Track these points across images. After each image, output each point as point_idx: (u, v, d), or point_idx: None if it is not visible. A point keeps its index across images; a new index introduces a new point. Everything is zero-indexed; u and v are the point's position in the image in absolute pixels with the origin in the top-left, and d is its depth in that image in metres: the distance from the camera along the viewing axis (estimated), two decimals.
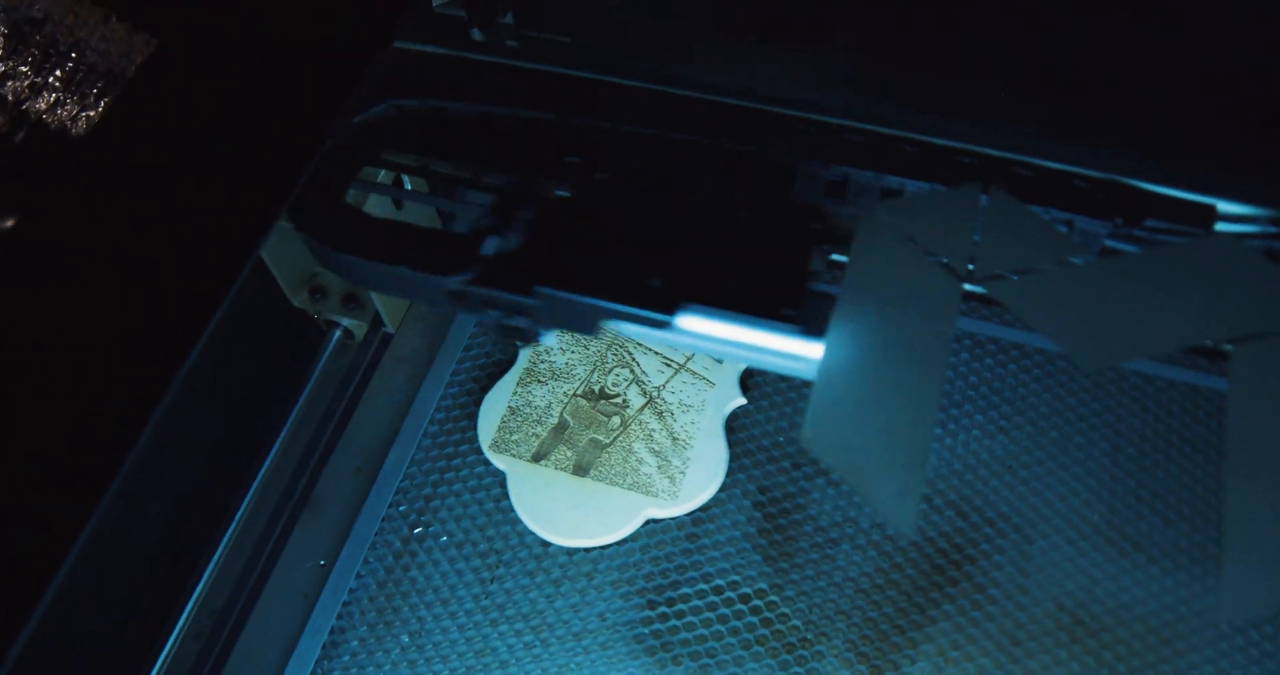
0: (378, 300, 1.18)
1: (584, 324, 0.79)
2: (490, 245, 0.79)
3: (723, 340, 0.75)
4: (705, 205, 0.83)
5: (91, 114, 0.91)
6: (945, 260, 0.75)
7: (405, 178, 1.11)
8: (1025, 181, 0.83)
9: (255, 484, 1.16)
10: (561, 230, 0.81)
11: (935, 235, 0.76)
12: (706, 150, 0.87)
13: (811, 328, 0.74)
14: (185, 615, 1.10)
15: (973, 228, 0.77)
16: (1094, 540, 1.07)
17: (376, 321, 1.24)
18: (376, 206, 1.10)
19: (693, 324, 0.75)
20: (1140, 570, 1.06)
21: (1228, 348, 0.76)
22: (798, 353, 0.75)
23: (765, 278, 0.77)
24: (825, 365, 0.71)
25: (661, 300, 0.75)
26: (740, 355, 0.77)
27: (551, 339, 0.84)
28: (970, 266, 0.75)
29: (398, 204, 1.13)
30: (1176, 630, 1.03)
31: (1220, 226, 0.83)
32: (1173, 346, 0.75)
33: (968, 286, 0.76)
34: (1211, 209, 0.83)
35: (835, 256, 0.86)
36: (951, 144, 0.85)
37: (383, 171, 1.06)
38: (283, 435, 1.18)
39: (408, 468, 1.17)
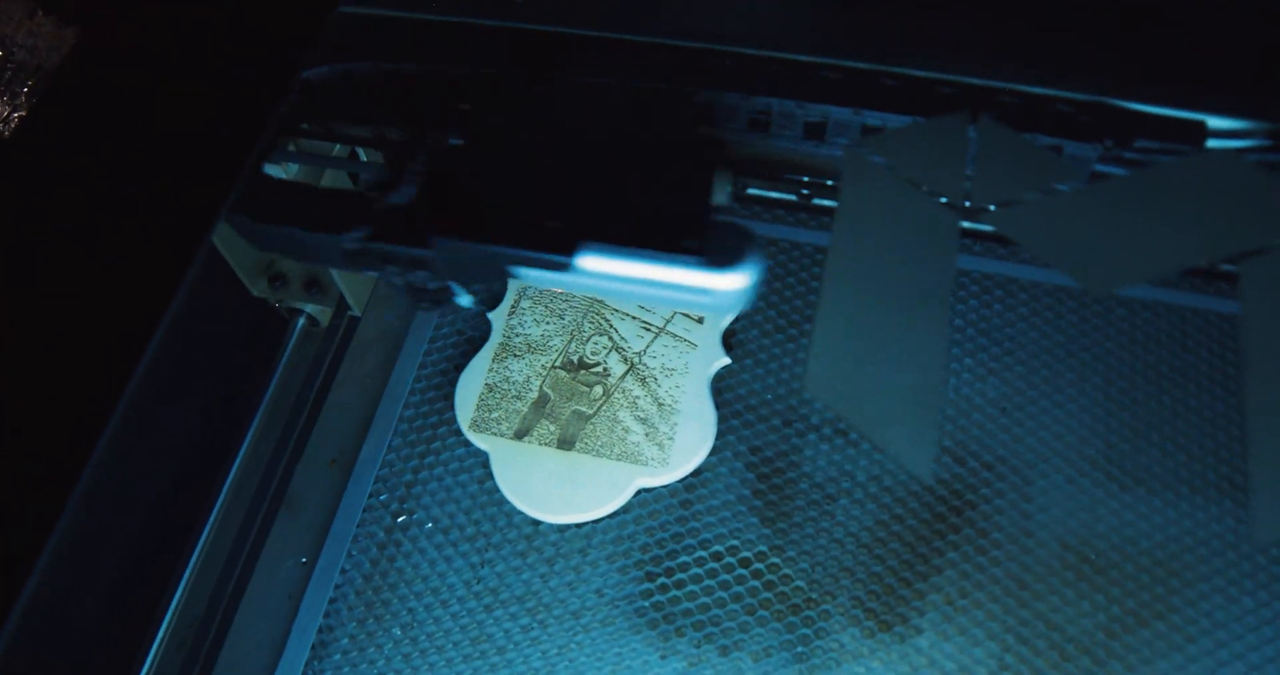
0: (341, 282, 1.14)
1: (486, 272, 0.76)
2: (385, 200, 0.77)
3: (628, 279, 0.72)
4: (604, 144, 0.80)
5: (23, 114, 0.86)
6: (938, 193, 0.72)
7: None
8: (1010, 109, 0.80)
9: (227, 485, 1.11)
10: (457, 179, 0.78)
11: (926, 169, 0.72)
12: (610, 90, 0.84)
13: (716, 258, 0.71)
14: (164, 627, 1.05)
15: (964, 159, 0.74)
16: (1094, 477, 1.06)
17: (341, 305, 1.19)
18: (332, 180, 1.05)
19: (594, 263, 0.72)
20: (1142, 503, 1.04)
21: (1228, 268, 0.74)
22: (705, 285, 0.72)
23: (665, 211, 0.74)
24: (824, 309, 0.67)
25: (560, 241, 0.72)
26: (653, 295, 0.74)
27: (466, 300, 0.81)
28: (966, 199, 0.72)
29: (354, 178, 1.08)
30: (1183, 561, 1.01)
31: (1212, 143, 0.80)
32: (1177, 267, 0.73)
33: (963, 222, 0.74)
34: (1202, 125, 0.80)
35: (752, 190, 0.83)
36: (931, 75, 0.81)
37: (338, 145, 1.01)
38: (251, 432, 1.14)
39: (386, 455, 1.12)
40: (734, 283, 0.71)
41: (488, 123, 0.82)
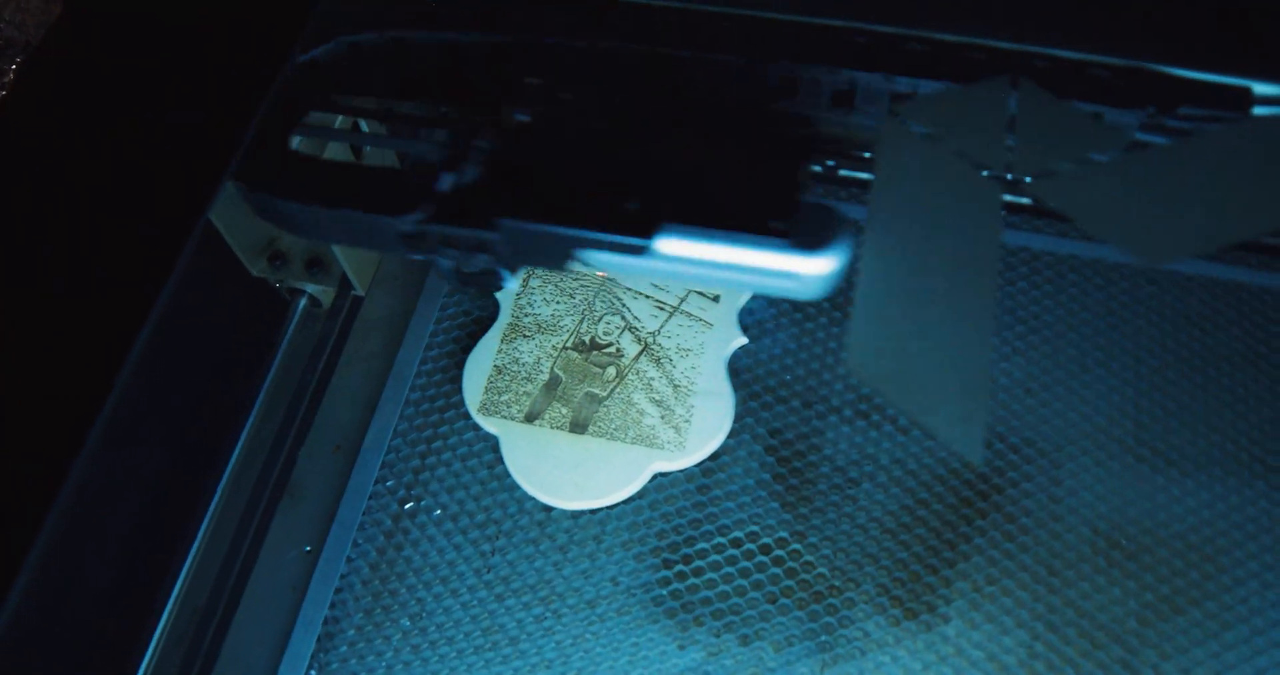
0: (344, 260, 1.10)
1: (553, 257, 0.72)
2: (446, 181, 0.72)
3: (710, 262, 0.68)
4: (682, 121, 0.76)
5: (7, 90, 0.82)
6: (980, 162, 0.68)
7: (362, 122, 1.02)
8: (1044, 74, 0.76)
9: (227, 472, 1.08)
10: (525, 158, 0.74)
11: (965, 136, 0.69)
12: (685, 62, 0.80)
13: (805, 240, 0.67)
14: (164, 619, 1.02)
15: (1004, 126, 0.70)
16: (1124, 459, 1.03)
17: (344, 285, 1.15)
18: (335, 155, 1.01)
19: (674, 247, 0.68)
20: (1175, 486, 1.01)
21: (1272, 241, 0.70)
22: (792, 270, 0.68)
23: (751, 191, 0.70)
24: (864, 286, 0.64)
25: (638, 223, 0.68)
26: (732, 279, 0.69)
27: (514, 282, 0.76)
28: (1009, 167, 0.69)
29: (357, 152, 1.04)
30: (1218, 545, 0.98)
31: (1258, 110, 0.77)
32: (1225, 240, 0.69)
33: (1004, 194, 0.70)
34: (1247, 91, 0.77)
35: (837, 169, 0.79)
36: (961, 39, 0.77)
37: (340, 118, 0.97)
38: (252, 417, 1.10)
39: (391, 440, 1.09)
40: (822, 267, 0.67)
41: (557, 98, 0.78)
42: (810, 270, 0.66)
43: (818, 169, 0.84)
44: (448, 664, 0.99)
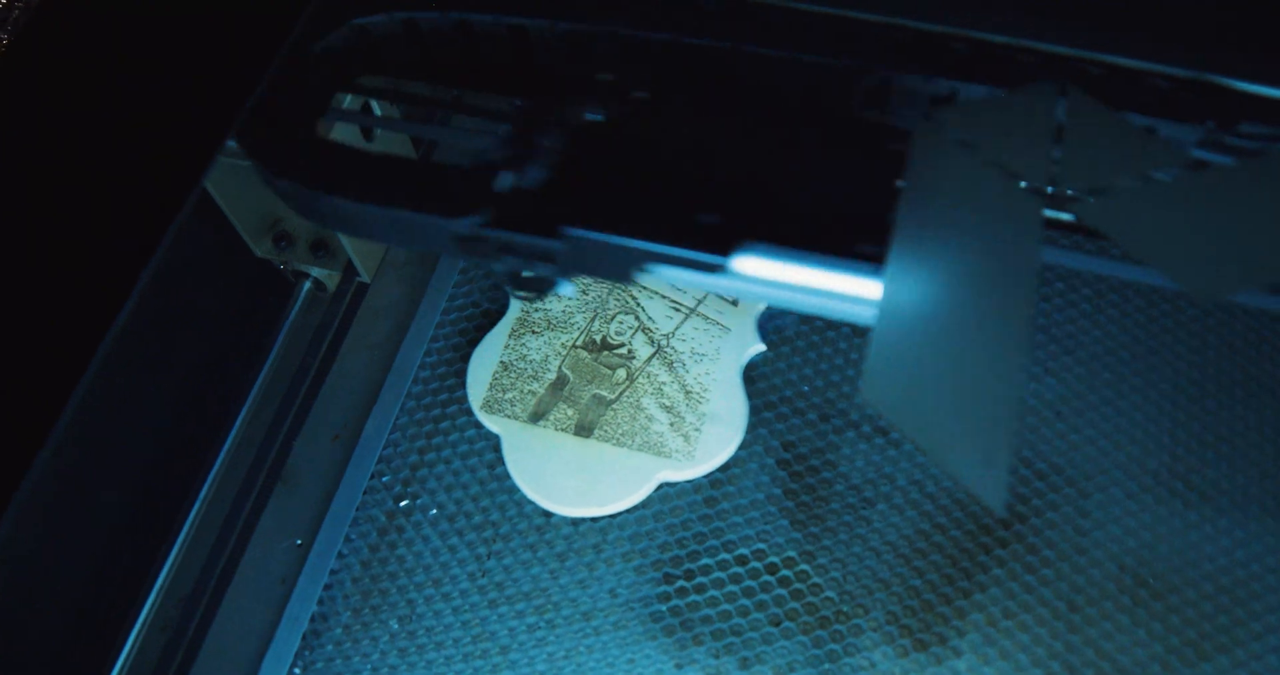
0: (349, 246, 1.06)
1: (619, 270, 0.66)
2: (506, 180, 0.66)
3: (788, 285, 0.62)
4: (767, 128, 0.70)
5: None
6: (1020, 176, 0.63)
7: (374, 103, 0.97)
8: (1096, 82, 0.71)
9: (221, 457, 1.05)
10: (592, 161, 0.67)
11: (1007, 147, 0.64)
12: (762, 62, 0.74)
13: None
14: (149, 606, 0.99)
15: (1050, 138, 0.65)
16: (1156, 492, 0.97)
17: (350, 270, 1.11)
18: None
19: (753, 267, 0.61)
20: (1209, 523, 0.95)
21: None
22: (877, 298, 0.62)
23: (838, 209, 0.64)
24: (886, 305, 0.59)
25: (715, 239, 0.62)
26: (812, 304, 0.63)
27: (569, 289, 0.71)
28: (1051, 185, 0.63)
29: (367, 134, 0.99)
30: (1251, 589, 0.93)
31: None
32: None
33: (1050, 212, 0.65)
34: None
35: None
36: (1009, 40, 0.72)
37: (348, 97, 0.93)
38: (250, 401, 1.07)
39: (391, 433, 1.05)
40: None
41: (631, 97, 0.72)
42: None
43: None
44: (435, 670, 0.95)
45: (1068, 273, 1.06)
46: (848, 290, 0.60)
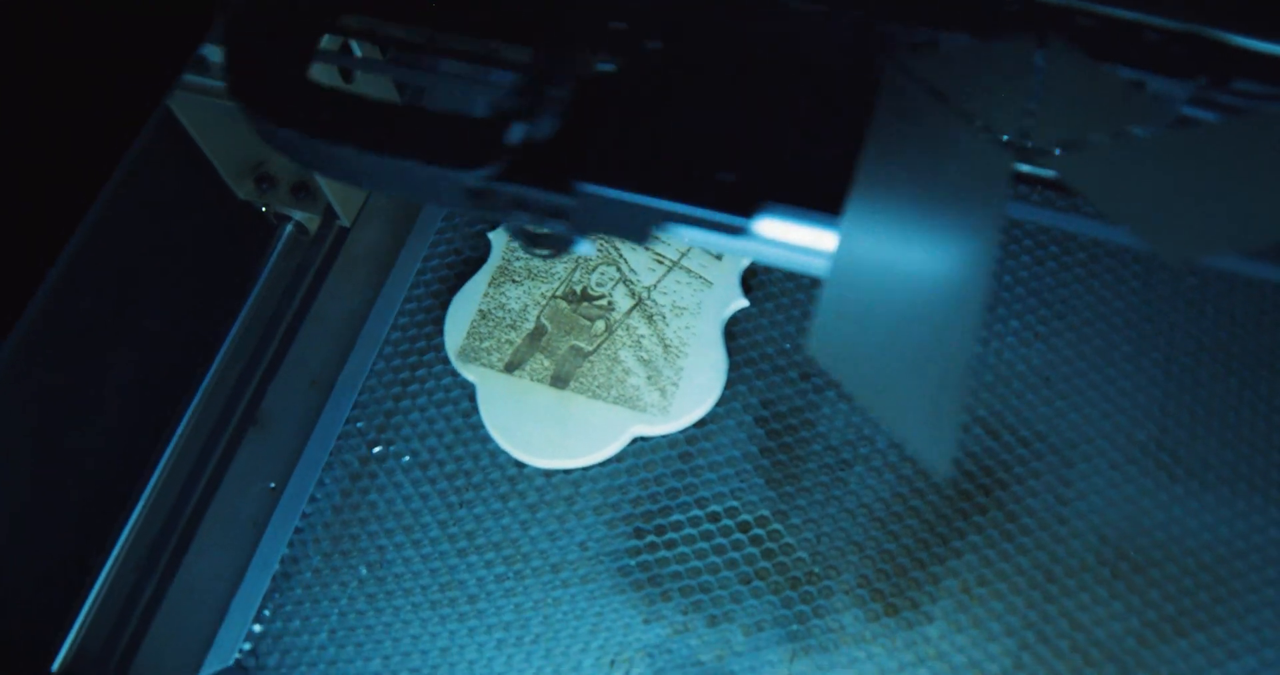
0: (329, 190, 1.04)
1: (633, 229, 0.63)
2: (518, 132, 0.62)
3: (813, 251, 0.59)
4: (791, 78, 0.66)
5: None
6: (992, 128, 0.60)
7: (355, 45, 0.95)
8: (1085, 33, 0.68)
9: (197, 398, 1.04)
10: (605, 113, 0.64)
11: (979, 98, 0.61)
12: (798, 15, 0.70)
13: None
14: (120, 545, 0.99)
15: (1026, 90, 0.62)
16: (1142, 464, 0.94)
17: (330, 214, 1.09)
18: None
19: (776, 230, 0.59)
20: (1194, 498, 0.93)
21: None
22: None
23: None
24: (841, 256, 0.56)
25: (736, 199, 0.59)
26: (823, 267, 0.60)
27: (587, 248, 0.67)
28: (1024, 138, 0.60)
29: (346, 75, 0.97)
30: (1233, 567, 0.90)
31: None
32: (1271, 237, 0.61)
33: (1021, 165, 0.62)
34: None
35: None
36: None
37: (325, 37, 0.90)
38: (228, 342, 1.06)
39: (367, 379, 1.04)
40: None
41: (646, 47, 0.68)
42: None
43: None
44: (402, 617, 0.95)
45: (1063, 236, 1.03)
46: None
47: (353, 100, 0.68)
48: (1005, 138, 0.60)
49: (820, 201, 0.58)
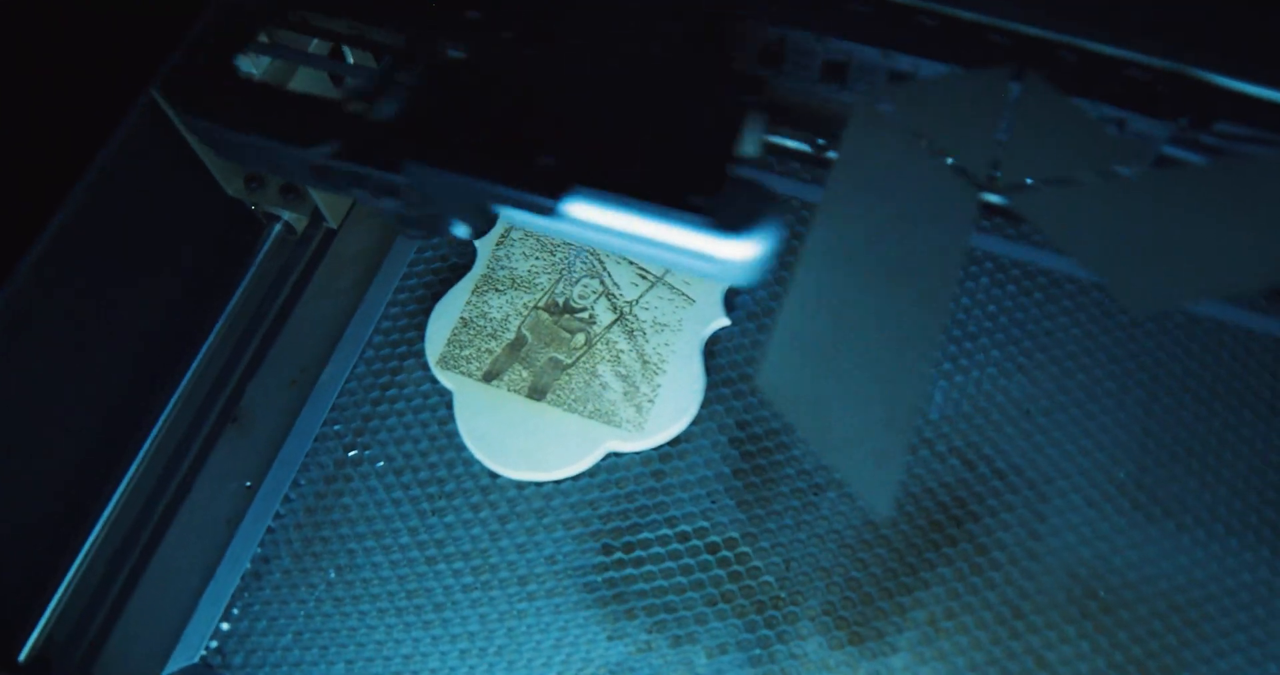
0: (315, 192, 1.04)
1: (465, 206, 0.67)
2: (357, 111, 0.68)
3: (621, 233, 0.61)
4: (623, 71, 0.69)
5: None
6: (960, 162, 0.59)
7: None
8: (1069, 68, 0.67)
9: (178, 392, 1.04)
10: (450, 98, 0.68)
11: (950, 130, 0.60)
12: (648, 6, 0.72)
13: (724, 220, 0.60)
14: (93, 537, 0.99)
15: (998, 123, 0.61)
16: (1118, 502, 0.93)
17: (316, 216, 1.09)
18: (308, 83, 0.95)
19: (582, 211, 0.61)
20: (1170, 539, 0.92)
21: None
22: (708, 252, 0.61)
23: (678, 159, 0.63)
24: (798, 288, 0.56)
25: (549, 182, 0.62)
26: (646, 253, 0.63)
27: (463, 230, 0.70)
28: (993, 172, 0.60)
29: (336, 80, 0.97)
30: (1204, 611, 0.89)
31: None
32: (1242, 287, 0.60)
33: (988, 197, 0.61)
34: None
35: (775, 139, 0.70)
36: (981, 18, 0.68)
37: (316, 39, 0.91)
38: (211, 338, 1.06)
39: (347, 382, 1.04)
40: (743, 252, 0.60)
41: (495, 36, 0.71)
42: (728, 254, 0.59)
43: (804, 147, 0.75)
44: (367, 622, 0.94)
45: (1049, 269, 1.02)
46: (677, 242, 0.60)
47: (238, 84, 0.73)
48: (974, 171, 0.59)
49: (629, 188, 0.61)
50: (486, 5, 0.71)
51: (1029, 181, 0.60)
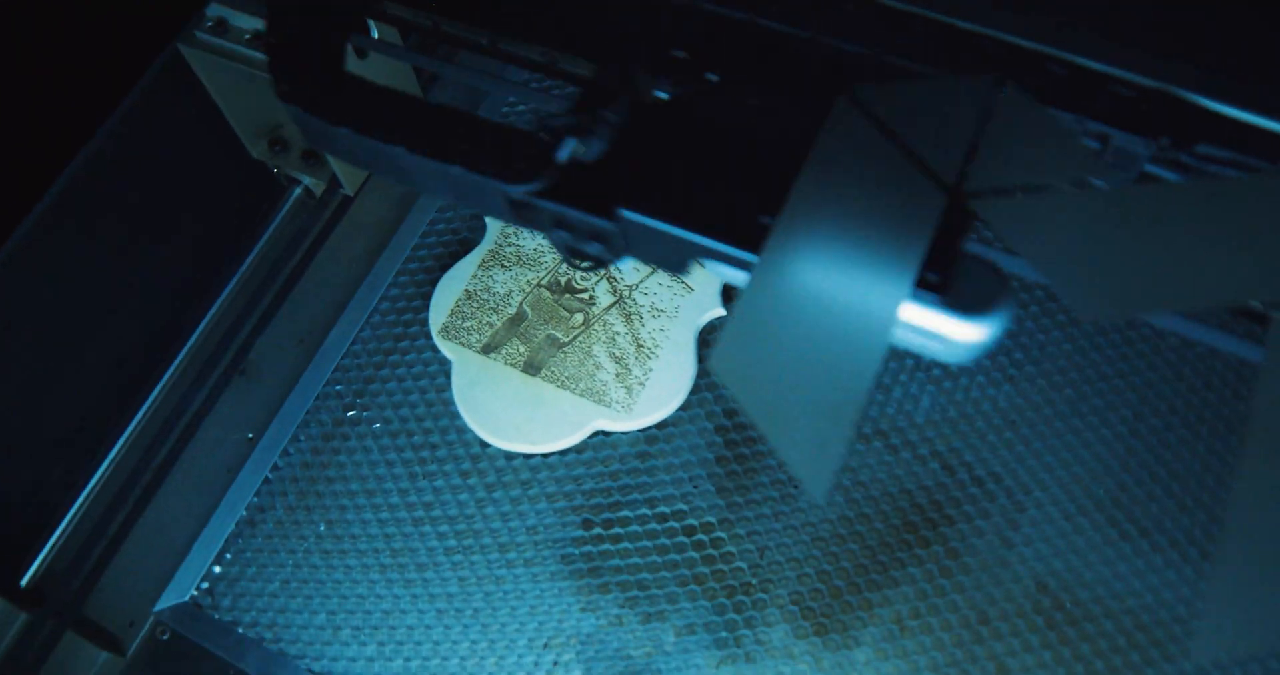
0: (334, 160, 1.07)
1: (670, 260, 0.62)
2: (566, 150, 0.62)
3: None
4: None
5: None
6: (930, 163, 0.61)
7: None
8: (1056, 81, 0.68)
9: (191, 340, 1.08)
10: (656, 141, 0.63)
11: (924, 132, 0.61)
12: (865, 65, 0.69)
13: (960, 300, 0.57)
14: (98, 475, 1.03)
15: (975, 129, 0.62)
16: (1093, 518, 0.94)
17: (334, 182, 1.12)
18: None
19: None
20: (1142, 558, 0.92)
21: (1275, 314, 0.62)
22: (940, 331, 0.58)
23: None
24: (759, 275, 0.58)
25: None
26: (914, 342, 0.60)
27: (626, 266, 0.67)
28: (964, 175, 0.61)
29: (359, 52, 0.99)
30: (1170, 631, 0.89)
31: None
32: (1201, 302, 0.60)
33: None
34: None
35: None
36: (974, 27, 0.69)
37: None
38: (226, 292, 1.09)
39: (352, 345, 1.07)
40: (976, 335, 0.57)
41: (703, 79, 0.68)
42: (961, 336, 0.57)
43: None
44: (352, 576, 0.97)
45: (1045, 283, 1.02)
46: (907, 319, 0.57)
47: (405, 100, 0.67)
48: (943, 173, 0.61)
49: None
50: (692, 46, 0.68)
51: (997, 188, 0.61)
